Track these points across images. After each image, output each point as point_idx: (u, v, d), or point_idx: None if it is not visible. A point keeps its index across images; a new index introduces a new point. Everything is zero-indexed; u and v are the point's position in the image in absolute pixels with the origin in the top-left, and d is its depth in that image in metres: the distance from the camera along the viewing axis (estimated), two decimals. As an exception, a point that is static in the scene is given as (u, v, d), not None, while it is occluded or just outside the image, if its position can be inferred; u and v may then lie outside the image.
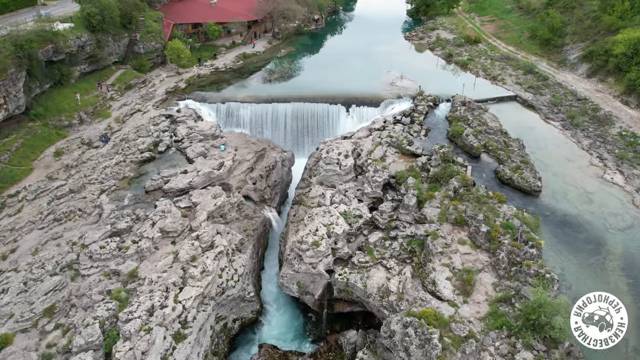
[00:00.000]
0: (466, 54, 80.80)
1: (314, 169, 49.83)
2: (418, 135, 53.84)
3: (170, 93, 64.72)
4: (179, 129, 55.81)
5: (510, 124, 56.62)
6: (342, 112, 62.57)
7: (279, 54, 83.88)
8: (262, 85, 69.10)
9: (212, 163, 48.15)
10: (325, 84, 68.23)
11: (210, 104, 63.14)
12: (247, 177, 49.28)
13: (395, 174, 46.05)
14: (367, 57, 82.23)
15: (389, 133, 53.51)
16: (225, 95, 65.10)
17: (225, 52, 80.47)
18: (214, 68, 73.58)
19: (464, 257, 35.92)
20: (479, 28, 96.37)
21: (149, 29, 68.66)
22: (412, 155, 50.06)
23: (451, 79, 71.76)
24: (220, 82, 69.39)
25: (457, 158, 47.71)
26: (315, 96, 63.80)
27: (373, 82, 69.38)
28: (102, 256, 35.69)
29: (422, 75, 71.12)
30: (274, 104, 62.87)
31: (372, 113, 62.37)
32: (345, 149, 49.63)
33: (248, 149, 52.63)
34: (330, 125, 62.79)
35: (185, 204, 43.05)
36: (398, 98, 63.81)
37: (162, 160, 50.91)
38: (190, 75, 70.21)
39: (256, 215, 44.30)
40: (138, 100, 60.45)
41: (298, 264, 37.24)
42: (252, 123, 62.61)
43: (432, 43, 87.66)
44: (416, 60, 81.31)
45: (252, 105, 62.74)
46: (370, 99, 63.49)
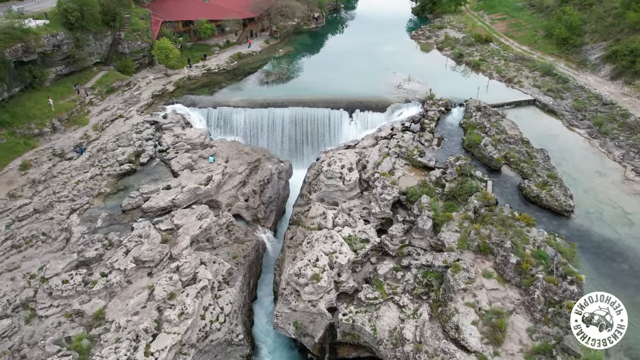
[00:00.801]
0: (477, 54, 75.30)
1: (313, 184, 44.35)
2: (430, 145, 48.32)
3: (157, 97, 59.24)
4: (164, 137, 50.37)
5: (530, 131, 51.16)
6: (345, 118, 57.11)
7: (276, 54, 78.39)
8: (257, 88, 63.62)
9: (199, 177, 42.67)
10: (326, 87, 62.80)
11: (200, 109, 57.69)
12: (238, 193, 43.79)
13: (406, 191, 40.62)
14: (371, 58, 76.75)
15: (397, 142, 48.01)
16: (217, 99, 59.63)
17: (218, 51, 74.95)
18: (206, 69, 68.10)
19: (490, 294, 30.43)
20: (489, 27, 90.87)
21: (134, 26, 63.16)
22: (424, 168, 44.61)
23: (463, 81, 66.27)
24: (213, 85, 63.90)
25: (476, 172, 42.25)
26: (315, 100, 58.37)
27: (378, 84, 63.92)
28: (64, 292, 30.21)
29: (431, 77, 65.69)
30: (270, 108, 57.44)
31: (378, 119, 56.91)
32: (349, 161, 44.13)
33: (240, 160, 47.13)
34: (332, 132, 57.33)
35: (166, 225, 37.59)
36: (406, 102, 58.35)
37: (143, 173, 45.45)
38: (180, 77, 64.74)
39: (248, 238, 38.80)
40: (120, 104, 54.96)
41: (295, 300, 31.73)
42: (246, 130, 57.18)
43: (441, 42, 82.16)
44: (424, 61, 75.81)
45: (247, 111, 57.30)
46: (375, 103, 58.01)
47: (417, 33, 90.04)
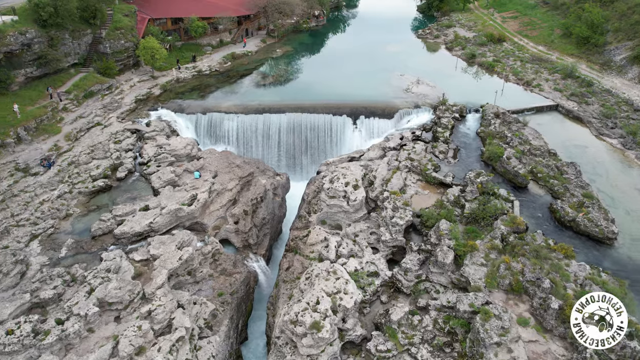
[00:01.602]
0: (491, 54, 69.77)
1: (313, 203, 38.84)
2: (445, 158, 42.80)
3: (141, 101, 53.70)
4: (146, 147, 44.84)
5: (556, 141, 45.70)
6: (348, 125, 51.63)
7: (273, 54, 72.81)
8: (252, 91, 58.05)
9: (182, 196, 37.14)
10: (327, 90, 57.32)
11: (188, 115, 52.17)
12: (227, 214, 38.26)
13: (420, 213, 35.17)
14: (376, 58, 71.22)
15: (408, 154, 42.47)
16: (208, 104, 54.08)
17: (211, 51, 69.34)
18: (197, 71, 62.54)
19: (529, 348, 24.94)
20: (501, 25, 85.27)
21: (117, 24, 57.58)
22: (439, 185, 39.15)
23: (476, 85, 60.74)
24: (203, 88, 58.33)
25: (500, 190, 36.78)
26: (315, 105, 52.87)
27: (384, 88, 58.43)
28: (7, 347, 24.65)
29: (442, 80, 60.26)
30: (265, 114, 51.95)
31: (385, 126, 51.44)
32: (354, 177, 38.61)
33: (231, 175, 41.60)
34: (334, 140, 51.85)
35: (141, 255, 32.11)
36: (415, 108, 52.85)
37: (120, 191, 39.95)
38: (168, 80, 59.20)
39: (237, 270, 33.26)
40: (99, 111, 49.41)
41: (291, 354, 26.22)
42: (239, 138, 51.69)
43: (450, 42, 76.56)
44: (433, 62, 70.21)
45: (240, 117, 51.81)
46: (381, 108, 52.53)
47: (424, 32, 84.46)
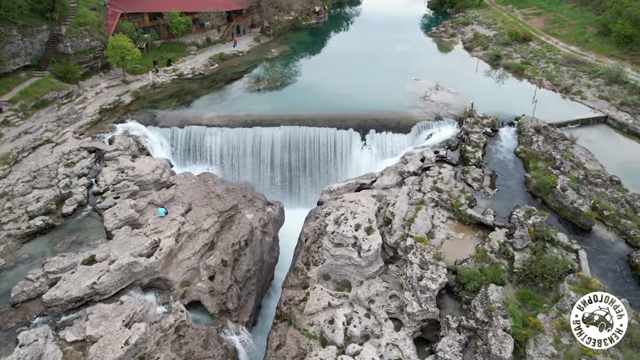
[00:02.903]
0: (517, 55, 60.79)
1: (313, 250, 29.85)
2: (480, 187, 33.80)
3: (107, 112, 44.75)
4: (105, 171, 35.86)
5: (612, 164, 36.94)
6: (356, 141, 42.74)
7: (268, 54, 63.81)
8: (241, 99, 49.06)
9: (141, 243, 28.14)
10: (330, 98, 48.41)
11: (162, 129, 43.22)
12: (201, 265, 29.25)
13: (456, 268, 26.24)
14: (385, 60, 62.31)
15: (434, 182, 33.43)
16: (187, 114, 45.11)
17: (196, 52, 60.34)
18: (177, 74, 53.57)
19: None
20: (524, 23, 76.24)
21: (82, 19, 48.65)
22: (478, 226, 30.16)
23: (505, 91, 51.75)
24: (183, 95, 49.37)
25: (558, 234, 27.88)
26: (315, 116, 43.99)
27: (397, 95, 49.49)
28: None
29: (465, 85, 51.36)
30: (256, 128, 43.08)
31: (401, 143, 42.51)
32: (367, 216, 29.61)
33: (208, 209, 32.60)
34: (339, 160, 42.91)
35: (75, 334, 23.20)
36: (437, 120, 43.90)
37: (64, 231, 30.99)
38: (142, 85, 50.22)
39: (208, 353, 24.25)
40: (52, 124, 40.47)
41: None
42: (223, 157, 42.82)
43: (469, 41, 67.53)
44: (451, 64, 61.15)
45: (225, 131, 42.93)
46: (395, 120, 43.63)
47: (439, 30, 75.37)
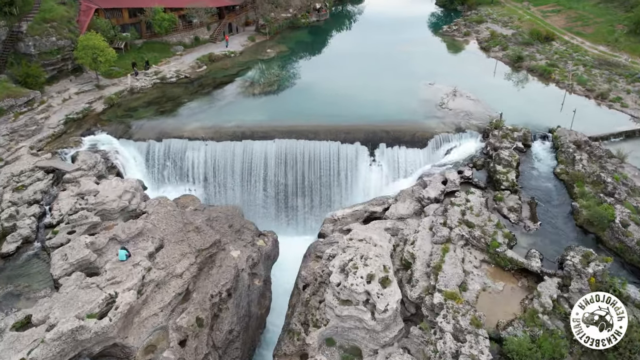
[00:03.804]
0: (541, 56, 54.51)
1: (313, 305, 23.58)
2: (518, 219, 27.53)
3: (74, 122, 38.50)
4: (61, 197, 29.60)
5: (672, 186, 30.46)
6: (364, 157, 36.52)
7: (263, 55, 57.52)
8: (230, 106, 42.79)
9: (91, 299, 21.80)
10: (332, 106, 42.19)
11: (137, 142, 36.97)
12: (170, 324, 22.93)
13: (501, 337, 19.98)
14: (393, 62, 56.12)
15: (462, 213, 27.12)
16: (167, 125, 38.82)
17: (182, 52, 54.02)
18: (160, 78, 47.30)
19: None
20: (543, 21, 69.96)
21: (47, 14, 42.44)
22: (520, 272, 23.87)
23: (532, 98, 45.41)
24: (164, 102, 43.12)
25: (627, 287, 21.69)
26: (316, 127, 37.83)
27: (409, 102, 43.25)
28: None
29: (485, 91, 45.19)
30: (246, 141, 36.90)
31: (416, 160, 36.27)
32: (381, 262, 23.24)
33: (184, 246, 26.28)
34: (343, 180, 36.64)
35: None
36: (457, 132, 37.65)
37: (2, 278, 24.67)
38: (118, 91, 43.96)
39: None
40: (3, 138, 34.23)
41: None
42: (208, 176, 36.61)
43: (486, 40, 61.23)
44: (467, 66, 54.82)
45: (210, 145, 36.73)
46: (409, 133, 37.39)
47: (450, 29, 69.02)
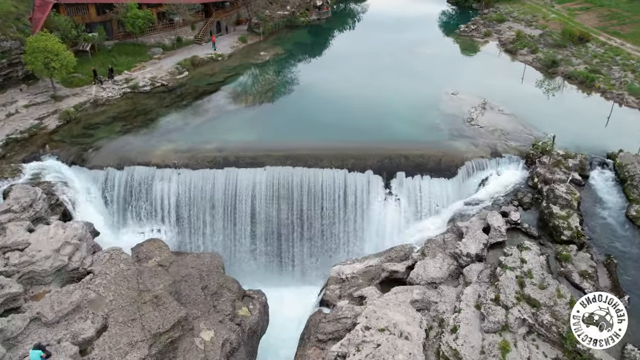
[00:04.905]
0: (578, 60, 46.92)
1: None
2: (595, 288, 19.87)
3: (17, 143, 30.98)
4: (-22, 252, 21.97)
5: None
6: (377, 189, 29.09)
7: (256, 59, 49.90)
8: (213, 123, 35.18)
9: None
10: (338, 122, 34.64)
11: (92, 171, 29.41)
12: None
13: None
14: (406, 67, 48.59)
15: (518, 282, 19.50)
16: (131, 148, 31.16)
17: (160, 55, 46.35)
18: (131, 86, 39.75)
19: None
20: (572, 19, 62.33)
21: (-10, 11, 34.97)
22: (617, 385, 16.35)
23: (577, 111, 37.85)
24: (133, 117, 35.52)
25: None
26: (318, 151, 30.34)
27: (430, 116, 35.71)
28: None
29: (519, 103, 37.75)
30: (230, 169, 29.39)
31: (443, 192, 28.85)
32: None
33: (135, 328, 18.67)
34: (351, 219, 29.15)
35: None
36: (494, 156, 30.07)
37: None
38: (79, 103, 36.43)
39: None
40: None
41: None
42: (181, 213, 29.12)
43: (511, 42, 53.52)
44: (493, 72, 47.10)
45: (183, 174, 29.19)
46: (435, 157, 29.87)
47: (468, 28, 61.30)
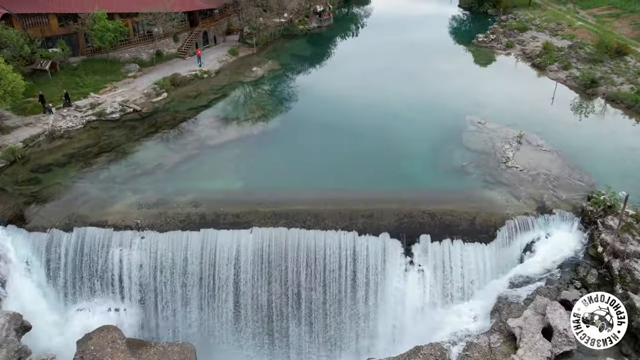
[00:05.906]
0: (620, 78, 40.59)
1: None
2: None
3: (-60, 195, 24.54)
4: None
5: None
6: (394, 257, 22.89)
7: (248, 75, 43.44)
8: (189, 164, 28.70)
9: None
10: (342, 165, 28.15)
11: (32, 234, 23.00)
12: None
13: None
14: (421, 86, 42.26)
15: None
16: (84, 202, 24.61)
17: (135, 73, 39.82)
18: (97, 113, 33.33)
19: None
20: (601, 28, 55.96)
21: None
22: None
23: (628, 145, 31.47)
24: (95, 155, 29.07)
25: None
26: (318, 207, 24.07)
27: (456, 154, 29.43)
28: None
29: (560, 134, 31.47)
30: (207, 230, 23.14)
31: (478, 262, 22.60)
32: None
33: None
34: (361, 296, 22.88)
35: None
36: (540, 213, 23.82)
37: None
38: (31, 136, 30.04)
39: None
40: None
41: None
42: (145, 290, 22.77)
43: (537, 55, 47.05)
44: (521, 93, 40.65)
45: (148, 237, 22.75)
46: (467, 216, 23.66)
47: (487, 38, 54.76)
